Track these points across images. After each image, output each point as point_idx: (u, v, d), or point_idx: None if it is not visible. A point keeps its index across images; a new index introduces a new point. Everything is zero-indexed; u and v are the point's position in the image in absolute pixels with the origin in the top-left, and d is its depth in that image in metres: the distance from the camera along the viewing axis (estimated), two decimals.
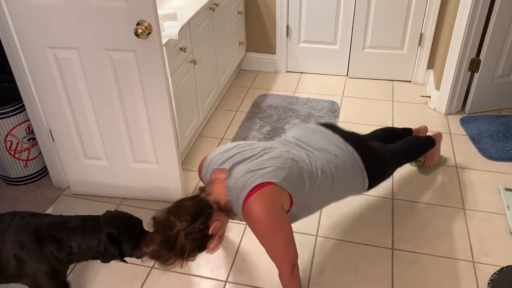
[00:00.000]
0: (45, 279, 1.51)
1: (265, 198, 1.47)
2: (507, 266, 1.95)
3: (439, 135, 2.50)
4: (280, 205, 1.51)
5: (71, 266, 1.96)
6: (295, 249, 1.60)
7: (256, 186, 1.48)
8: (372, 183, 1.86)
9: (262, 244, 1.55)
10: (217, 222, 1.51)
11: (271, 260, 1.60)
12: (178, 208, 1.48)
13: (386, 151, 2.00)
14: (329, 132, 1.86)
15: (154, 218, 1.50)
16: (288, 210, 1.58)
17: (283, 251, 1.55)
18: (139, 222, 1.65)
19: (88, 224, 1.55)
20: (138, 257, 1.63)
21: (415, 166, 2.55)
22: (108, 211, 1.64)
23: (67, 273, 1.68)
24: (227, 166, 1.59)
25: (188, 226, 1.43)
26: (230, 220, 1.72)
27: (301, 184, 1.60)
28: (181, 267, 1.49)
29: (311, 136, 1.84)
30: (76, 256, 1.56)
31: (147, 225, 1.59)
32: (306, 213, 1.69)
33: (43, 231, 1.50)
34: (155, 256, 1.45)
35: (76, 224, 1.54)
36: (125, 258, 1.64)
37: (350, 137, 1.86)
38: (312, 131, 1.87)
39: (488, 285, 1.87)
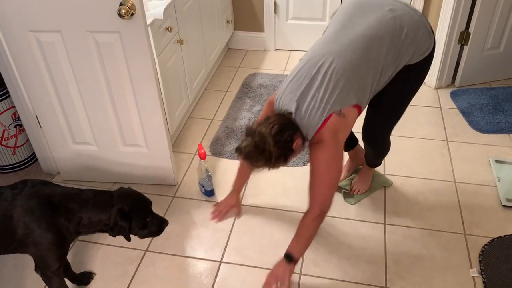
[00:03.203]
0: (49, 247, 1.53)
1: (331, 133, 1.60)
2: (498, 237, 1.97)
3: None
4: (344, 137, 1.66)
5: None
6: (333, 196, 1.70)
7: (321, 124, 1.59)
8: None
9: (314, 173, 1.65)
10: (299, 140, 1.63)
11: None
12: (269, 119, 1.62)
13: None
14: None
15: (247, 126, 1.68)
16: (359, 113, 1.69)
17: (326, 188, 1.67)
18: (149, 203, 1.68)
19: (100, 197, 1.59)
20: (141, 236, 1.68)
21: (340, 193, 2.24)
22: (121, 188, 1.67)
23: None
24: (292, 108, 1.64)
25: (277, 135, 1.57)
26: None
27: (363, 82, 1.64)
28: (268, 170, 1.65)
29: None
30: (85, 228, 1.58)
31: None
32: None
33: (55, 200, 1.53)
34: (248, 156, 1.62)
35: (88, 197, 1.58)
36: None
37: None
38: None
39: (479, 256, 1.90)
